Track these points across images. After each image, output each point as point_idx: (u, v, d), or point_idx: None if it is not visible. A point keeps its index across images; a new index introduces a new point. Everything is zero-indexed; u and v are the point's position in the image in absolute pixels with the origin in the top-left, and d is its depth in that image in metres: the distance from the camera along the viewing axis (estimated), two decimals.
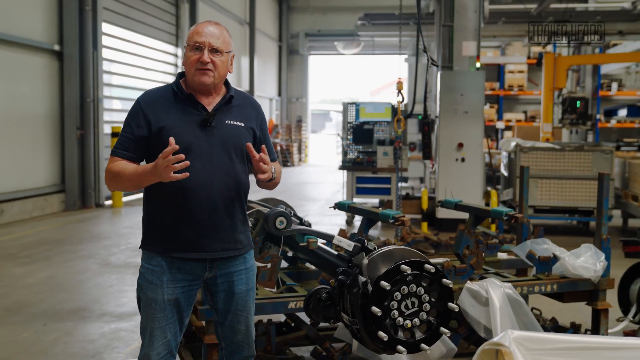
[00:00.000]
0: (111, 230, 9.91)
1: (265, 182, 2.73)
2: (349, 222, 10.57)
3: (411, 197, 11.71)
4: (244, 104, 2.85)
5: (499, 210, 4.18)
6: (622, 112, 17.97)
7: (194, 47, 2.67)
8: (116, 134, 11.39)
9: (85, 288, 6.47)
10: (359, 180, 10.58)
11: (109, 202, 12.52)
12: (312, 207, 12.91)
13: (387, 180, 10.45)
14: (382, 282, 2.37)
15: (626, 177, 9.76)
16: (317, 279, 4.28)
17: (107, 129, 12.61)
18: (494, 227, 8.35)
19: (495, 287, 3.87)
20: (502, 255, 4.88)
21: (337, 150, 27.45)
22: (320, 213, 11.94)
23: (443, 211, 8.96)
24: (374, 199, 11.92)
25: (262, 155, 2.63)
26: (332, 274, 3.17)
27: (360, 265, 2.53)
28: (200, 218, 2.67)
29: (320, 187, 17.10)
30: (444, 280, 2.47)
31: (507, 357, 1.96)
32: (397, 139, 8.41)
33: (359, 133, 11.07)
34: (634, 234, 9.85)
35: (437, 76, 9.97)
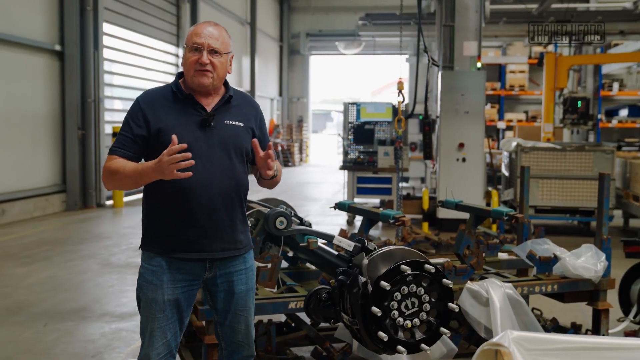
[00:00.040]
0: (112, 230, 9.91)
1: (268, 179, 2.74)
2: (350, 222, 10.57)
3: (412, 197, 11.71)
4: (242, 103, 2.85)
5: (500, 211, 4.17)
6: (623, 112, 17.94)
7: (193, 48, 2.66)
8: (117, 134, 11.44)
9: (86, 288, 6.47)
10: (359, 180, 10.59)
11: (110, 202, 12.53)
12: (313, 207, 12.91)
13: (388, 180, 10.45)
14: (382, 282, 2.37)
15: (627, 177, 9.75)
16: (318, 279, 4.27)
17: (108, 129, 12.62)
18: (494, 227, 8.35)
19: (495, 287, 3.87)
20: (502, 256, 4.88)
21: (338, 150, 27.46)
22: (321, 213, 11.94)
23: (444, 211, 8.95)
24: (374, 199, 11.92)
25: (269, 152, 2.64)
26: (332, 274, 3.17)
27: (360, 265, 2.53)
28: (200, 218, 2.67)
29: (321, 187, 17.10)
30: (444, 281, 2.47)
31: (506, 358, 1.96)
32: (397, 139, 8.41)
33: (360, 133, 11.07)
34: (634, 234, 9.84)
35: (438, 76, 9.96)
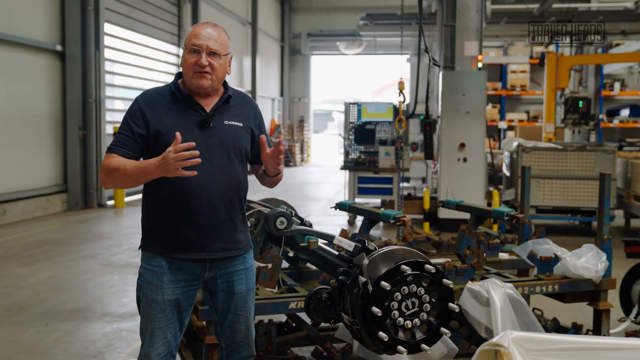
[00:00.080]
0: (113, 230, 9.92)
1: (273, 176, 2.77)
2: (351, 222, 10.57)
3: (413, 197, 11.70)
4: (241, 103, 2.85)
5: (500, 211, 4.17)
6: (625, 112, 17.93)
7: (192, 49, 2.66)
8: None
9: (87, 288, 6.48)
10: (360, 180, 10.58)
11: (111, 202, 12.54)
12: (315, 207, 12.91)
13: (389, 180, 10.44)
14: (383, 283, 2.37)
15: (628, 177, 9.73)
16: (318, 280, 4.27)
17: (109, 129, 12.63)
18: (496, 227, 8.35)
19: (496, 288, 3.86)
20: (503, 256, 4.88)
21: (339, 150, 27.43)
22: (322, 213, 11.94)
23: (445, 211, 8.95)
24: (376, 199, 11.91)
25: (280, 148, 2.66)
26: (332, 274, 3.17)
27: (360, 265, 2.52)
28: (200, 218, 2.67)
29: (322, 187, 17.10)
30: (445, 281, 2.46)
31: (505, 358, 1.96)
32: (398, 139, 8.40)
33: (361, 133, 11.07)
34: (636, 234, 9.84)
35: (439, 76, 9.95)
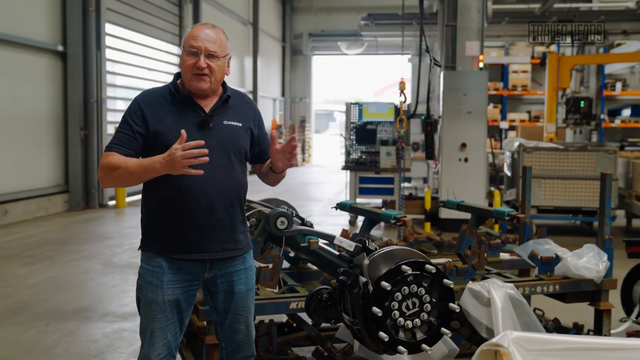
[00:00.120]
0: (114, 230, 9.92)
1: (278, 172, 2.79)
2: (352, 222, 10.57)
3: (414, 197, 11.69)
4: (240, 103, 2.85)
5: (501, 211, 4.17)
6: (626, 112, 17.93)
7: (190, 51, 2.65)
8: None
9: (89, 288, 6.48)
10: (362, 180, 10.58)
11: (112, 203, 12.55)
12: (316, 207, 12.91)
13: (390, 180, 10.43)
14: (383, 283, 2.37)
15: (630, 177, 9.72)
16: (319, 280, 4.27)
17: (111, 129, 12.63)
18: (497, 227, 8.34)
19: (497, 288, 3.86)
20: (504, 256, 4.87)
21: (340, 150, 27.44)
22: (323, 213, 11.94)
23: (446, 211, 8.94)
24: (377, 199, 11.91)
25: (294, 144, 2.67)
26: (333, 274, 3.17)
27: (361, 265, 2.52)
28: (200, 218, 2.67)
29: (323, 187, 17.10)
30: (445, 281, 2.46)
31: (505, 358, 1.96)
32: (400, 139, 8.41)
33: (362, 133, 11.07)
34: (637, 234, 9.84)
35: (440, 76, 9.95)
